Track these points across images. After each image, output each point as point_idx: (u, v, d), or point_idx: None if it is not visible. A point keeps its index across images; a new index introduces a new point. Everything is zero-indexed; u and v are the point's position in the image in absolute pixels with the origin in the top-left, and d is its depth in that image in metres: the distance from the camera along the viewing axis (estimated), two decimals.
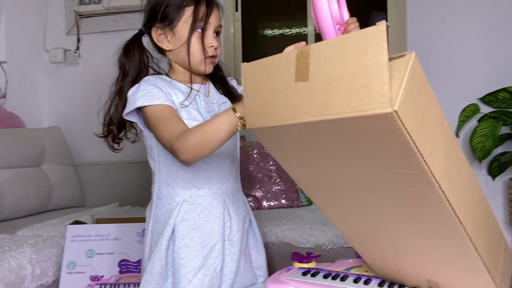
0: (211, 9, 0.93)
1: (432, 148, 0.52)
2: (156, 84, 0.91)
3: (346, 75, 0.49)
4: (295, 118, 0.55)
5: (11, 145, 1.76)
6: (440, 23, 2.17)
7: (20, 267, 1.12)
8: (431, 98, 0.55)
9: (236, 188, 1.01)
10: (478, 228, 0.61)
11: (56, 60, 2.42)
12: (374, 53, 0.47)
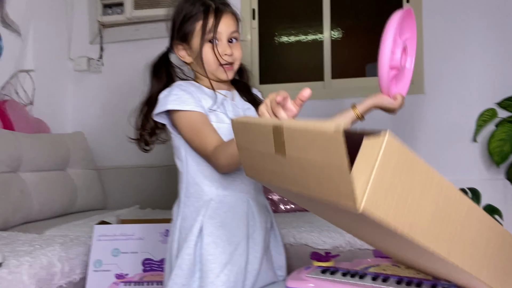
0: (219, 19, 0.96)
1: (415, 219, 0.52)
2: (187, 89, 0.96)
3: (316, 162, 0.51)
4: (280, 183, 0.60)
5: (39, 149, 1.84)
6: (456, 27, 2.18)
7: (50, 264, 1.18)
8: (413, 168, 0.53)
9: (259, 189, 1.04)
10: (490, 264, 0.62)
11: (80, 68, 2.52)
12: (335, 156, 0.47)
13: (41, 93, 2.30)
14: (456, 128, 2.18)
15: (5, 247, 1.24)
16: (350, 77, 2.35)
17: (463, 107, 2.18)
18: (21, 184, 1.68)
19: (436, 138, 2.20)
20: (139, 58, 2.67)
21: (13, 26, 2.12)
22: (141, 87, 2.78)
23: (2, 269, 1.04)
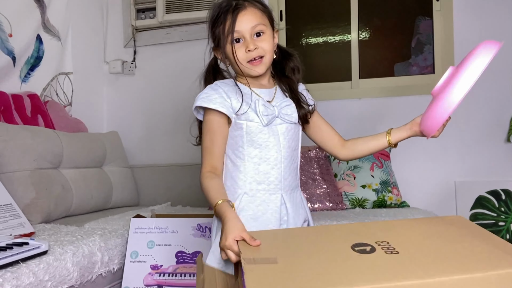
0: (235, 18, 0.98)
1: None
2: (218, 89, 1.01)
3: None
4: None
5: (78, 147, 1.94)
6: (488, 28, 2.14)
7: (91, 253, 1.26)
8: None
9: (294, 186, 1.06)
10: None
11: (114, 71, 2.63)
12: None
13: (79, 94, 2.42)
14: (489, 128, 2.13)
15: (49, 237, 1.32)
16: (378, 77, 2.35)
17: (496, 106, 2.13)
18: (62, 179, 1.78)
19: (468, 139, 2.16)
20: (170, 60, 2.79)
21: (53, 31, 2.25)
22: (171, 89, 2.87)
23: (48, 256, 1.12)
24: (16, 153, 1.59)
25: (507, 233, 2.08)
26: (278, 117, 1.02)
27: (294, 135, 1.05)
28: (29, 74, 2.09)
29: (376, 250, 0.75)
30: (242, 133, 1.00)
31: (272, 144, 1.01)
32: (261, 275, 0.68)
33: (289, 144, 1.03)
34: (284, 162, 1.02)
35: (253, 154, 1.00)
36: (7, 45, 1.96)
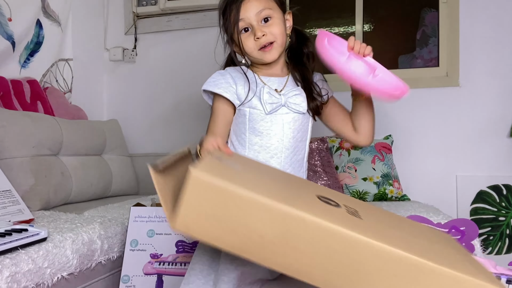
0: (239, 6, 0.97)
1: (229, 241, 0.62)
2: (225, 75, 1.02)
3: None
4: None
5: (77, 135, 1.92)
6: (494, 20, 2.11)
7: (91, 241, 1.25)
8: (221, 198, 0.61)
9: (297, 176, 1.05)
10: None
11: (115, 58, 2.60)
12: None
13: (79, 81, 2.39)
14: (492, 123, 2.12)
15: (48, 224, 1.31)
16: None
17: (499, 101, 2.12)
18: (62, 167, 1.76)
19: (471, 133, 2.15)
20: (171, 48, 2.76)
21: (54, 16, 2.21)
22: (172, 77, 2.85)
23: (47, 243, 1.11)
24: (15, 139, 1.57)
25: (507, 228, 2.08)
26: (285, 106, 1.00)
27: (302, 126, 1.03)
28: (28, 59, 2.06)
29: (341, 207, 0.71)
30: (245, 120, 1.01)
31: (273, 132, 1.00)
32: (213, 163, 0.69)
33: (293, 135, 1.01)
34: (285, 152, 1.01)
35: (254, 141, 1.00)
36: (6, 29, 1.92)
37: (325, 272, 0.62)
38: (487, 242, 2.09)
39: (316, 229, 0.60)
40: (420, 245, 0.66)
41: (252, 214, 0.61)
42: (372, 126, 1.06)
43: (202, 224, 0.62)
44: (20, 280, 0.97)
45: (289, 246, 0.61)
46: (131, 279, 1.35)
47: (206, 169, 0.63)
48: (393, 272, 0.60)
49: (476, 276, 0.60)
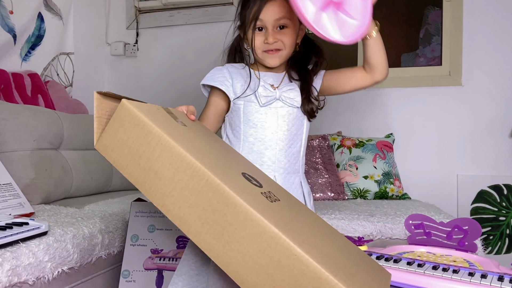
0: (261, 7, 0.99)
1: (146, 174, 0.68)
2: (223, 69, 1.07)
3: None
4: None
5: (78, 129, 1.91)
6: (498, 19, 2.11)
7: (92, 235, 1.24)
8: (143, 131, 0.68)
9: (290, 170, 1.06)
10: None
11: (116, 52, 2.59)
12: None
13: (80, 75, 2.38)
14: (494, 122, 2.12)
15: (49, 218, 1.31)
16: None
17: (501, 101, 2.11)
18: (62, 161, 1.76)
19: (472, 132, 2.15)
20: (173, 43, 2.75)
21: (55, 10, 2.20)
22: (174, 72, 2.84)
23: (48, 237, 1.10)
24: (16, 132, 1.56)
25: (507, 228, 2.08)
26: (280, 99, 1.03)
27: (296, 119, 1.05)
28: (29, 52, 2.05)
29: (263, 187, 0.75)
30: (240, 113, 1.04)
31: (268, 125, 1.03)
32: (149, 107, 0.75)
33: (288, 127, 1.04)
34: (280, 144, 1.04)
35: (249, 133, 1.04)
36: (7, 22, 1.91)
37: (201, 225, 0.64)
38: (487, 241, 2.09)
39: (206, 183, 0.64)
40: (308, 236, 0.66)
41: (155, 151, 0.67)
42: (384, 58, 1.05)
43: (116, 150, 0.69)
44: (20, 274, 0.97)
45: (176, 191, 0.65)
46: (132, 274, 1.35)
47: (136, 105, 0.70)
48: (262, 247, 0.61)
49: (337, 276, 0.59)
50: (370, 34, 1.01)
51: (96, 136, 0.71)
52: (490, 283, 0.79)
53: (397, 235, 1.41)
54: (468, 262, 0.94)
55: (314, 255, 0.59)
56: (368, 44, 1.03)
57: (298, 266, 0.58)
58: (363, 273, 0.67)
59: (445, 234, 1.02)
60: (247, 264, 0.61)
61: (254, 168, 0.89)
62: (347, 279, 0.59)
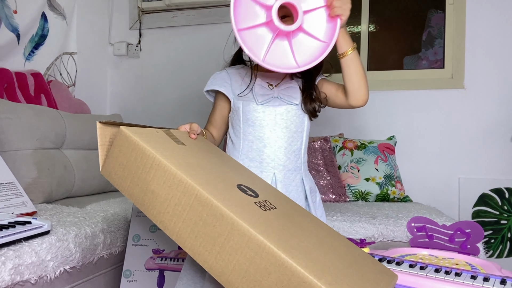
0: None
1: (143, 195, 0.73)
2: (221, 73, 1.13)
3: None
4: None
5: (81, 129, 1.92)
6: (500, 23, 2.11)
7: (94, 235, 1.25)
8: (139, 156, 0.74)
9: (291, 168, 1.08)
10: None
11: (119, 53, 2.59)
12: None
13: (83, 75, 2.38)
14: (496, 125, 2.12)
15: (51, 217, 1.31)
16: (387, 69, 2.32)
17: (503, 104, 2.11)
18: (65, 160, 1.76)
19: (474, 135, 2.14)
20: (176, 44, 2.75)
21: (59, 9, 2.20)
22: (176, 73, 2.84)
23: (50, 236, 1.11)
24: (19, 131, 1.57)
25: (509, 232, 2.08)
26: (278, 97, 1.06)
27: (296, 117, 1.07)
28: (33, 52, 2.05)
29: (259, 197, 0.78)
30: (239, 112, 1.07)
31: (265, 123, 1.06)
32: (146, 131, 0.80)
33: (286, 125, 1.06)
34: (278, 142, 1.06)
35: (248, 131, 1.07)
36: (11, 21, 1.92)
37: (194, 238, 0.68)
38: (489, 245, 2.09)
39: (196, 197, 0.68)
40: (296, 244, 0.67)
41: (151, 171, 0.72)
42: (359, 83, 1.03)
43: (118, 173, 0.75)
44: (23, 273, 0.97)
45: (171, 207, 0.69)
46: (133, 273, 1.35)
47: (134, 130, 0.76)
48: (250, 255, 0.63)
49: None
50: (345, 53, 1.00)
51: (101, 162, 0.78)
52: (492, 286, 0.79)
53: (399, 237, 1.41)
54: (471, 265, 0.93)
55: (299, 260, 0.61)
56: (342, 64, 1.02)
57: (283, 272, 0.60)
58: (357, 276, 0.67)
59: (448, 237, 1.02)
60: (237, 273, 0.64)
61: (253, 178, 0.91)
62: (333, 281, 0.60)
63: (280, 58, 0.95)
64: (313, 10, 0.95)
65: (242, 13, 0.94)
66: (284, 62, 0.95)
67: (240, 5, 0.94)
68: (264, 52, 0.95)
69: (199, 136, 0.97)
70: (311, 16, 0.95)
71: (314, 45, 0.95)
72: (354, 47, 1.00)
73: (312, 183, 1.13)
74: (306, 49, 0.95)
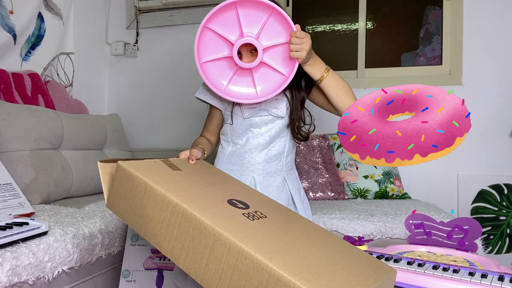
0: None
1: (143, 223, 0.79)
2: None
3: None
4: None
5: (78, 129, 1.91)
6: (498, 19, 2.10)
7: (92, 235, 1.24)
8: (136, 186, 0.80)
9: (270, 171, 1.13)
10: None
11: (116, 52, 2.59)
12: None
13: (80, 75, 2.38)
14: (494, 122, 2.12)
15: (49, 218, 1.31)
16: (385, 66, 2.32)
17: (502, 100, 2.11)
18: (63, 160, 1.76)
19: (472, 132, 2.12)
20: (173, 43, 2.75)
21: (55, 9, 2.20)
22: (174, 72, 2.83)
23: (48, 237, 1.10)
24: (16, 132, 1.56)
25: (508, 228, 2.08)
26: (264, 110, 1.11)
27: (278, 125, 1.12)
28: (29, 52, 2.05)
29: (250, 208, 0.83)
30: (229, 121, 1.14)
31: (250, 131, 1.11)
32: (143, 163, 0.86)
33: (270, 133, 1.11)
34: (259, 147, 1.11)
35: (234, 138, 1.14)
36: (7, 22, 1.91)
37: (185, 254, 0.72)
38: (488, 241, 2.09)
39: (182, 215, 0.72)
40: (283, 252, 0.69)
41: (144, 197, 0.78)
42: (343, 101, 1.08)
43: (120, 204, 0.82)
44: (20, 274, 0.97)
45: (164, 228, 0.75)
46: (132, 273, 1.35)
47: (130, 163, 0.83)
48: (232, 262, 0.66)
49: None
50: (321, 79, 1.06)
51: (106, 197, 0.85)
52: (490, 282, 0.79)
53: (397, 234, 1.41)
54: (469, 262, 0.93)
55: (275, 261, 0.64)
56: (322, 88, 1.08)
57: (261, 273, 0.63)
58: (342, 271, 0.69)
59: (446, 234, 1.02)
60: (223, 281, 0.67)
61: (248, 192, 0.96)
62: (309, 277, 0.62)
63: (242, 88, 1.04)
64: (274, 46, 1.01)
65: (209, 44, 1.02)
66: (245, 92, 1.04)
67: (206, 37, 1.02)
68: (226, 82, 1.03)
69: (199, 160, 1.02)
70: (274, 51, 1.02)
71: (275, 77, 1.03)
72: (327, 70, 1.06)
73: (296, 182, 1.18)
74: (267, 80, 1.03)
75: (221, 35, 1.01)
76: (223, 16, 1.02)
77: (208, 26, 1.03)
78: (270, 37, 1.01)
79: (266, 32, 1.01)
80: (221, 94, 1.03)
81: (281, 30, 1.01)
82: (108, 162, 0.87)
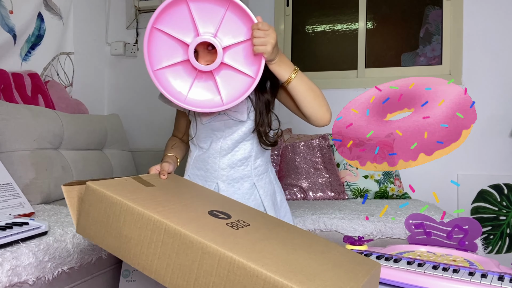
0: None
1: (118, 242, 0.74)
2: None
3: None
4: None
5: (78, 129, 1.91)
6: (498, 19, 2.10)
7: None
8: (108, 205, 0.75)
9: (236, 176, 1.07)
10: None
11: (116, 52, 2.59)
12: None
13: (80, 75, 2.38)
14: (494, 122, 2.12)
15: (49, 218, 1.31)
16: (385, 66, 2.32)
17: (501, 100, 2.11)
18: (63, 160, 1.76)
19: (472, 131, 2.12)
20: None
21: (55, 9, 2.20)
22: None
23: (48, 237, 1.10)
24: (16, 132, 1.56)
25: (508, 227, 2.08)
26: (225, 114, 1.05)
27: (242, 129, 1.06)
28: (29, 52, 2.05)
29: (232, 217, 0.80)
30: (194, 124, 1.10)
31: (211, 135, 1.08)
32: (112, 182, 0.82)
33: (232, 137, 1.06)
34: (221, 152, 1.06)
35: (198, 141, 1.10)
36: (7, 22, 1.91)
37: (171, 272, 0.69)
38: (488, 241, 2.09)
39: (165, 231, 0.69)
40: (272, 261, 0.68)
41: (120, 217, 0.73)
42: (313, 106, 1.00)
43: (92, 227, 0.76)
44: (20, 274, 0.97)
45: (145, 247, 0.70)
46: (132, 273, 1.34)
47: (100, 183, 0.78)
48: (223, 274, 0.64)
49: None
50: (288, 80, 0.96)
51: (75, 222, 0.79)
52: (490, 282, 0.79)
53: (397, 234, 1.41)
54: (468, 262, 0.93)
55: (269, 267, 0.62)
56: (290, 91, 0.99)
57: (256, 281, 0.61)
58: (333, 271, 0.69)
59: (445, 234, 1.02)
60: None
61: (227, 202, 0.93)
62: (305, 279, 0.62)
63: (205, 95, 0.93)
64: (236, 45, 0.90)
65: (162, 48, 0.90)
66: (209, 99, 0.93)
67: (158, 40, 0.90)
68: (187, 90, 0.92)
69: (170, 175, 0.98)
70: (236, 50, 0.90)
71: (240, 79, 0.91)
72: (296, 70, 0.96)
73: (269, 186, 1.11)
74: (233, 83, 0.92)
75: (174, 37, 0.90)
76: (174, 14, 0.89)
77: (157, 27, 0.90)
78: (230, 34, 0.89)
79: (225, 28, 0.88)
80: (182, 104, 0.92)
81: (241, 25, 0.88)
82: (73, 184, 0.81)
